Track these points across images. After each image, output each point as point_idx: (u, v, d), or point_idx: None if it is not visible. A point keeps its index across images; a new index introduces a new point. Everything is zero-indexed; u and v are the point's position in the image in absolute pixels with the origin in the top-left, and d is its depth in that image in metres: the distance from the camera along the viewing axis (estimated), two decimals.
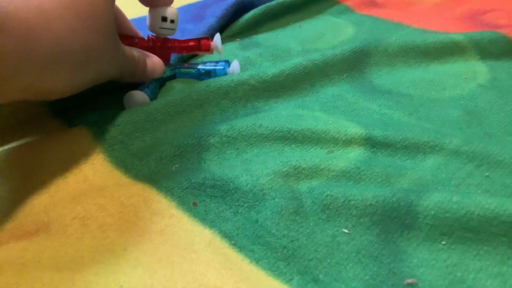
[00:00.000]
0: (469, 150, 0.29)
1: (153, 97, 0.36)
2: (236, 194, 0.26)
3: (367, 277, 0.22)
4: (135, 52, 0.36)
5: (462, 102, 0.36)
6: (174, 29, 0.37)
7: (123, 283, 0.21)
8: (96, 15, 0.29)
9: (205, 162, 0.30)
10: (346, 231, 0.24)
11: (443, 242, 0.23)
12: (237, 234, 0.24)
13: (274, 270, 0.22)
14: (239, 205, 0.26)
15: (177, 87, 0.39)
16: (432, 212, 0.25)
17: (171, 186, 0.27)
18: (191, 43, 0.40)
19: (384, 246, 0.23)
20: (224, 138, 0.31)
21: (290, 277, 0.22)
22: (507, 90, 0.37)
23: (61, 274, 0.21)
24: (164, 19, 0.37)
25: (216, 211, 0.26)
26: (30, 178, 0.28)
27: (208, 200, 0.26)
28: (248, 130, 0.31)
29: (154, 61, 0.37)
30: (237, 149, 0.30)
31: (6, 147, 0.31)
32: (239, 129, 0.31)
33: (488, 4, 0.55)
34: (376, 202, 0.26)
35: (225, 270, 0.22)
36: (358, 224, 0.25)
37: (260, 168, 0.28)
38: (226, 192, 0.27)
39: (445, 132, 0.31)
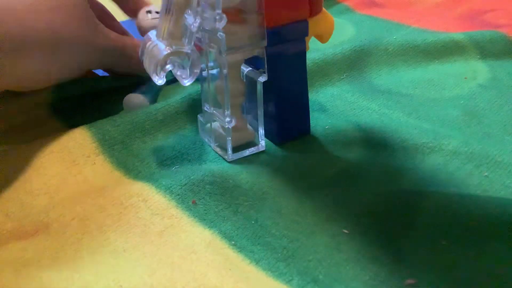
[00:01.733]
0: (468, 151, 0.29)
1: (153, 100, 0.36)
2: (235, 192, 0.26)
3: (367, 277, 0.22)
4: (130, 40, 0.36)
5: (462, 101, 0.36)
6: None
7: (122, 283, 0.21)
8: (64, 1, 0.30)
9: (205, 163, 0.29)
10: (346, 231, 0.24)
11: (443, 242, 0.23)
12: (237, 235, 0.24)
13: (274, 270, 0.22)
14: (238, 203, 0.26)
15: (178, 89, 0.38)
16: (432, 212, 0.25)
17: (169, 184, 0.27)
18: None
19: (384, 246, 0.23)
20: None
21: (290, 278, 0.22)
22: (507, 90, 0.37)
23: (61, 274, 0.21)
24: (149, 12, 0.37)
25: (216, 209, 0.25)
26: (30, 179, 0.28)
27: (208, 198, 0.26)
28: None
29: None
30: None
31: (6, 147, 0.31)
32: None
33: (488, 4, 0.55)
34: (376, 202, 0.26)
35: (225, 271, 0.22)
36: (358, 224, 0.25)
37: (260, 166, 0.28)
38: (225, 190, 0.26)
39: (444, 132, 0.31)
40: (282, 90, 0.30)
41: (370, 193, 0.26)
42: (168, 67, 0.27)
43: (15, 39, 0.27)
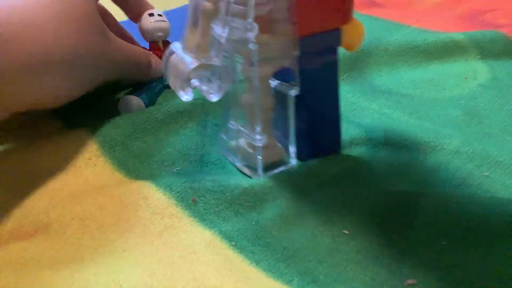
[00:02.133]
0: (469, 151, 0.29)
1: (151, 102, 0.36)
2: (236, 190, 0.26)
3: (367, 278, 0.22)
4: (141, 49, 0.36)
5: (462, 102, 0.36)
6: (165, 21, 0.38)
7: (122, 283, 0.21)
8: (79, 15, 0.29)
9: (207, 166, 0.29)
10: (346, 232, 0.24)
11: (443, 242, 0.23)
12: (238, 235, 0.24)
13: (274, 271, 0.22)
14: (239, 203, 0.26)
15: None
16: (432, 212, 0.25)
17: (169, 181, 0.27)
18: None
19: (384, 246, 0.23)
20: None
21: (290, 278, 0.22)
22: (507, 90, 0.37)
23: (61, 274, 0.21)
24: (151, 15, 0.37)
25: (216, 209, 0.25)
26: (31, 181, 0.28)
27: (208, 195, 0.26)
28: None
29: (157, 60, 0.38)
30: None
31: (7, 148, 0.31)
32: None
33: (488, 4, 0.55)
34: (376, 202, 0.26)
35: (225, 271, 0.22)
36: (358, 224, 0.25)
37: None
38: (226, 188, 0.26)
39: (445, 132, 0.31)
40: (312, 104, 0.28)
41: (370, 193, 0.26)
42: (194, 81, 0.25)
43: (39, 59, 0.26)
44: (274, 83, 0.27)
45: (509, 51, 0.42)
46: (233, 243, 0.24)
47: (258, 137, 0.26)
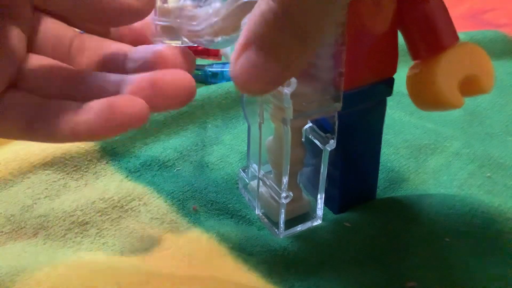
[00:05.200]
0: (471, 152, 0.29)
1: None
2: (238, 204, 0.26)
3: (368, 281, 0.21)
4: None
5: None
6: None
7: (119, 279, 0.21)
8: None
9: (207, 166, 0.29)
10: (348, 224, 0.24)
11: (447, 239, 0.23)
12: (236, 235, 0.24)
13: (274, 277, 0.22)
14: (240, 216, 0.26)
15: None
16: (436, 209, 0.25)
17: (171, 189, 0.27)
18: (199, 48, 0.39)
19: (386, 241, 0.23)
20: (227, 146, 0.31)
21: (291, 285, 0.21)
22: (508, 90, 0.37)
23: (57, 270, 0.21)
24: None
25: (217, 218, 0.25)
26: (31, 183, 0.28)
27: (209, 205, 0.26)
28: None
29: None
30: (240, 153, 0.30)
31: (7, 150, 0.31)
32: (242, 138, 0.31)
33: (489, 4, 0.55)
34: (380, 196, 0.26)
35: (224, 283, 0.21)
36: (360, 218, 0.24)
37: None
38: (229, 200, 0.26)
39: (447, 133, 0.31)
40: (350, 154, 0.24)
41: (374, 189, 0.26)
42: None
43: None
44: (306, 126, 0.23)
45: (510, 51, 0.42)
46: (231, 245, 0.23)
47: (283, 194, 0.23)
